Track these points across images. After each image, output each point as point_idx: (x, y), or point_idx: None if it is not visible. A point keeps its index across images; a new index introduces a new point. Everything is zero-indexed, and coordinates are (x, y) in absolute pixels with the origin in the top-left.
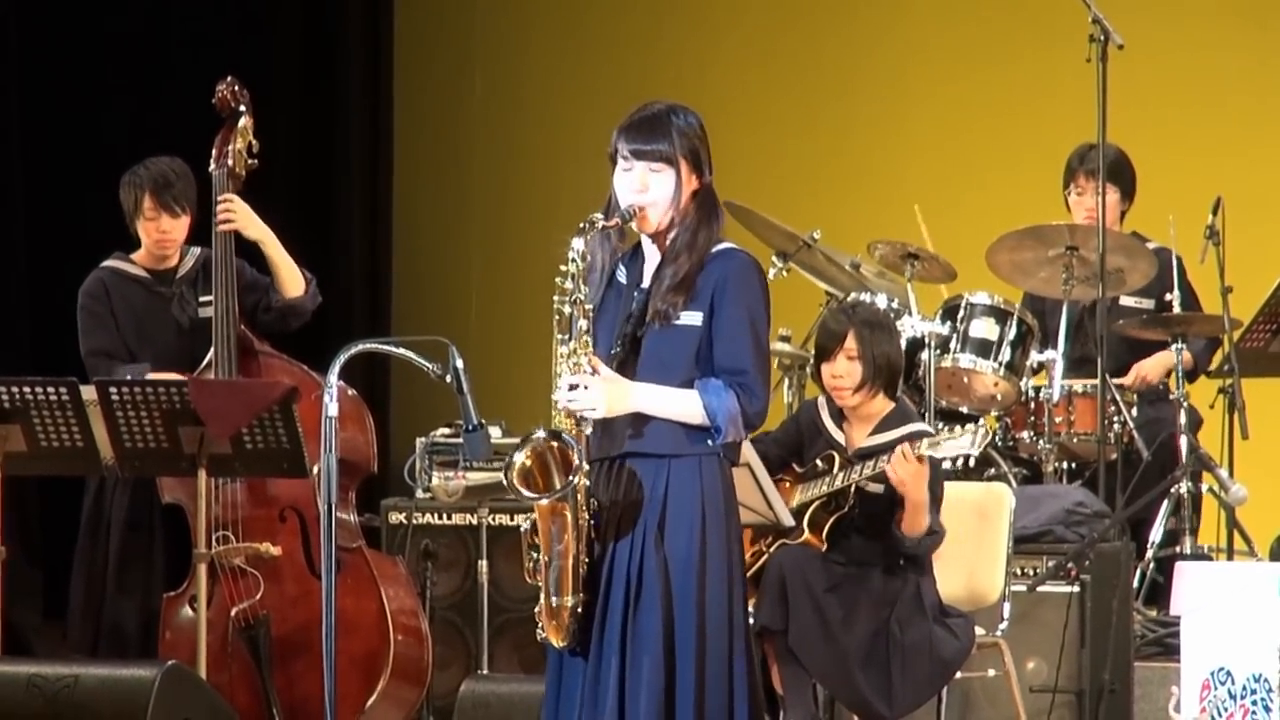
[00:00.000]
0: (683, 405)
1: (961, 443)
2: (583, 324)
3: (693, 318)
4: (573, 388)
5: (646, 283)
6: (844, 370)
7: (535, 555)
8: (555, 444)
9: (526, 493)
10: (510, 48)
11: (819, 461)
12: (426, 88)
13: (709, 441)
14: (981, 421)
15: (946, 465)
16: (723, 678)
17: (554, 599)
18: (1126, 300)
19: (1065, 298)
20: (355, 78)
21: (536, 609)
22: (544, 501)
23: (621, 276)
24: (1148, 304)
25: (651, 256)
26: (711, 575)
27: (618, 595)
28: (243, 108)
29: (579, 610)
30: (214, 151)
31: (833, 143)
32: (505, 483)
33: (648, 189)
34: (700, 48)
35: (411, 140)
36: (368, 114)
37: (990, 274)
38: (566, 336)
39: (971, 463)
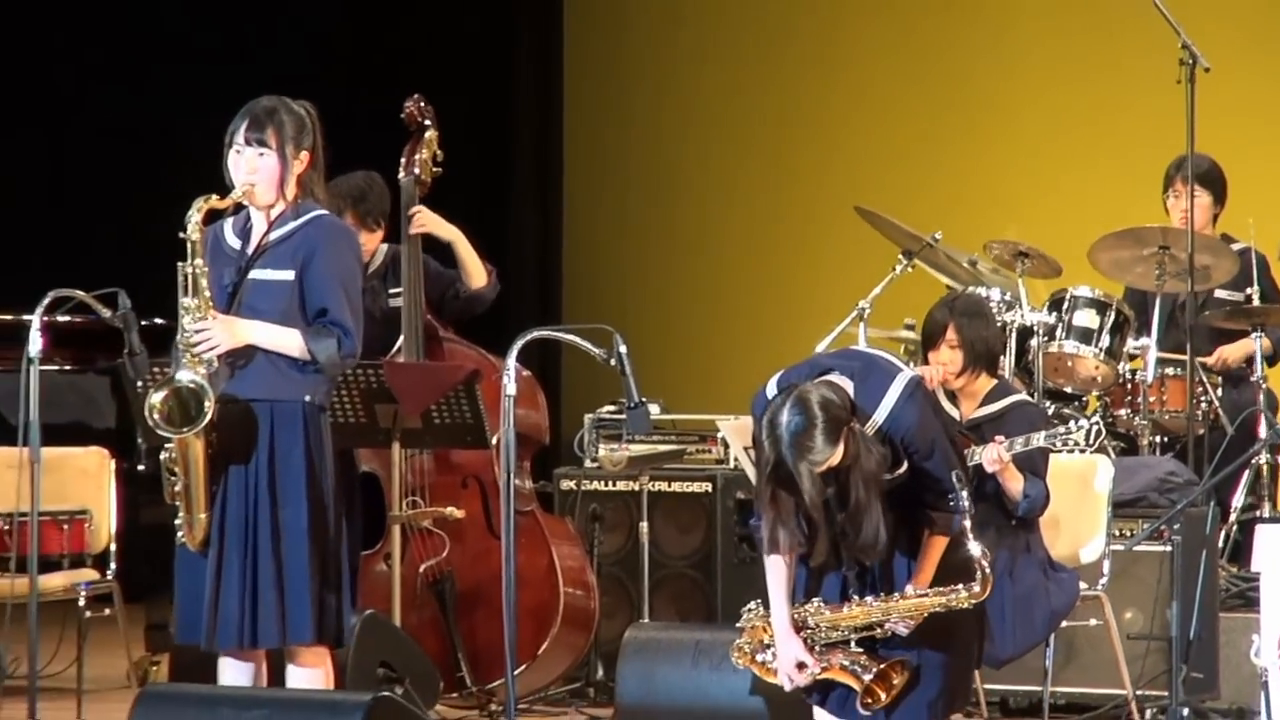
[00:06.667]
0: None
1: (1076, 437)
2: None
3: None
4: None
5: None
6: (948, 358)
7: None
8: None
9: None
10: (674, 50)
11: None
12: (595, 87)
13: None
14: (1095, 418)
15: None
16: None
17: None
18: (1220, 293)
19: (1158, 291)
20: (526, 80)
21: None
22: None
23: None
24: (1238, 297)
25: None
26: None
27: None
28: (428, 121)
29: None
30: (403, 160)
31: (952, 150)
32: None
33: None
34: (828, 68)
35: (581, 148)
36: (539, 117)
37: (1092, 270)
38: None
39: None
